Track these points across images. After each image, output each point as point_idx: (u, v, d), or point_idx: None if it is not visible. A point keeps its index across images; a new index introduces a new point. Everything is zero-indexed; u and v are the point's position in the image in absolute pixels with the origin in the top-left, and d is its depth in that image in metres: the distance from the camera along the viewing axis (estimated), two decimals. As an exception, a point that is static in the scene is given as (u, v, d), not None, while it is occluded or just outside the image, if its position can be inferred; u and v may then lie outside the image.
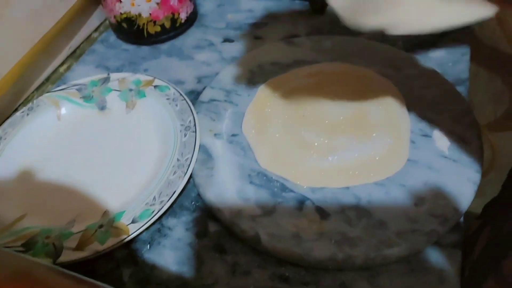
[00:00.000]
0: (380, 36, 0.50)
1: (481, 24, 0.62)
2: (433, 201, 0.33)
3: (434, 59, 0.47)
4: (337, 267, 0.31)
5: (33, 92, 0.51)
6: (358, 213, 0.33)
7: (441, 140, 0.37)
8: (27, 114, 0.44)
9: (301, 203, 0.35)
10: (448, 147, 0.37)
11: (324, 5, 0.55)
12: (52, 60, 0.53)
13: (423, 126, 0.39)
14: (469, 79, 0.45)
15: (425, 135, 0.38)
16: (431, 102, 0.41)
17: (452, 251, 0.32)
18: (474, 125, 0.38)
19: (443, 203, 0.33)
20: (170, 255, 0.34)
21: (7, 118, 0.46)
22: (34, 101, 0.46)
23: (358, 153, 0.37)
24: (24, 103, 0.50)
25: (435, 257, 0.32)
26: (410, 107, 0.40)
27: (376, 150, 0.37)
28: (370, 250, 0.31)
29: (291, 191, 0.35)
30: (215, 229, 0.35)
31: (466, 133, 0.38)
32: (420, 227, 0.32)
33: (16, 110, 0.49)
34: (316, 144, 0.38)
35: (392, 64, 0.45)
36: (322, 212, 0.34)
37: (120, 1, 0.50)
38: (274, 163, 0.38)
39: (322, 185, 0.35)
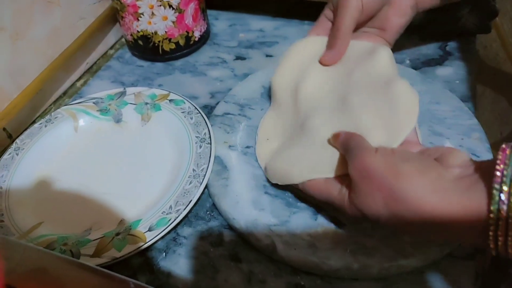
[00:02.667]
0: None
1: (485, 46, 0.64)
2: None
3: (441, 76, 0.48)
4: (353, 276, 0.32)
5: (50, 105, 0.52)
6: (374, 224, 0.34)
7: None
8: (45, 126, 0.46)
9: (316, 213, 0.35)
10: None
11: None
12: (70, 75, 0.54)
13: (433, 140, 0.40)
14: (475, 97, 0.46)
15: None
16: (441, 117, 0.42)
17: (466, 262, 0.32)
18: (483, 140, 0.39)
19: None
20: (186, 263, 0.34)
21: (26, 129, 0.47)
22: (52, 113, 0.47)
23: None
24: (42, 116, 0.51)
25: (450, 268, 0.32)
26: (420, 122, 0.41)
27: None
28: (385, 260, 0.31)
29: (306, 201, 0.36)
30: (230, 238, 0.36)
31: (476, 148, 0.38)
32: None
33: (34, 122, 0.50)
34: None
35: (401, 81, 0.46)
36: (337, 222, 0.34)
37: (138, 20, 0.52)
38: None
39: None
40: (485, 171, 0.25)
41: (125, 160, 0.43)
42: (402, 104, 0.34)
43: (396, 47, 0.53)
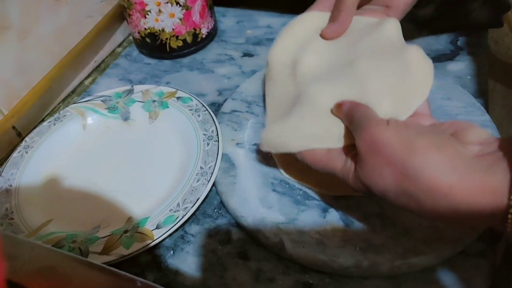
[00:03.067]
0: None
1: (497, 41, 0.63)
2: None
3: (452, 72, 0.48)
4: (362, 274, 0.31)
5: (59, 103, 0.52)
6: (383, 220, 0.33)
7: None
8: (54, 124, 0.46)
9: (324, 210, 0.35)
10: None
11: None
12: (78, 73, 0.54)
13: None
14: (487, 92, 0.45)
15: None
16: (452, 114, 0.41)
17: (479, 260, 0.32)
18: (496, 136, 0.38)
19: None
20: (194, 261, 0.34)
21: (35, 127, 0.47)
22: (61, 111, 0.47)
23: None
24: (50, 114, 0.51)
25: (461, 266, 0.32)
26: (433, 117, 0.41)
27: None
28: (395, 258, 0.31)
29: (314, 199, 0.36)
30: (238, 236, 0.36)
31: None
32: (446, 235, 0.31)
33: (43, 120, 0.50)
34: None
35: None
36: (346, 220, 0.34)
37: (145, 17, 0.52)
38: (298, 173, 0.38)
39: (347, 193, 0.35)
40: (509, 150, 0.23)
41: (132, 158, 0.43)
42: (414, 71, 0.31)
43: (407, 42, 0.52)
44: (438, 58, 0.49)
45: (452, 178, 0.23)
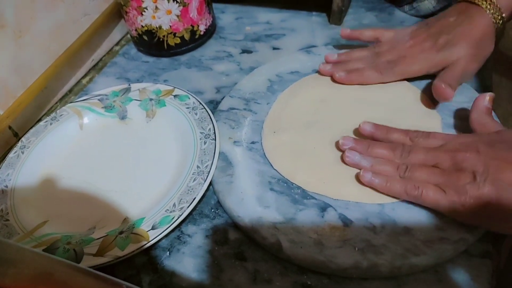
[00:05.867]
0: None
1: (503, 35, 0.62)
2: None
3: (456, 67, 0.46)
4: (362, 275, 0.30)
5: (56, 103, 0.52)
6: (383, 220, 0.32)
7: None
8: (50, 124, 0.45)
9: (323, 209, 0.34)
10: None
11: (342, 15, 0.56)
12: (75, 72, 0.54)
13: (451, 132, 0.38)
14: (492, 87, 0.44)
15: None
16: (458, 109, 0.40)
17: (482, 261, 0.31)
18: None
19: (471, 210, 0.32)
20: (190, 262, 0.34)
21: (31, 127, 0.47)
22: (57, 111, 0.47)
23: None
24: (47, 113, 0.51)
25: (463, 266, 0.31)
26: (436, 111, 0.40)
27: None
28: (396, 258, 0.30)
29: (313, 198, 0.35)
30: (235, 237, 0.35)
31: (492, 140, 0.37)
32: (448, 235, 0.31)
33: (39, 120, 0.50)
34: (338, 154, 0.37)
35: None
36: (345, 219, 0.33)
37: (142, 14, 0.51)
38: (295, 173, 0.37)
39: (349, 198, 0.34)
40: None
41: (129, 157, 0.43)
42: None
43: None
44: (441, 53, 0.48)
45: None
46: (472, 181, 0.30)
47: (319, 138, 0.39)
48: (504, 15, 0.39)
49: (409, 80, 0.43)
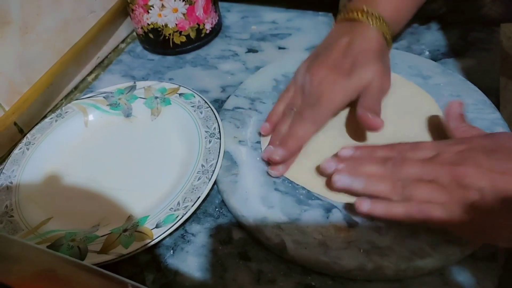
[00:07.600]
0: (406, 46, 0.50)
1: (509, 36, 0.61)
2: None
3: (462, 68, 0.46)
4: (366, 277, 0.30)
5: (61, 99, 0.52)
6: (388, 221, 0.32)
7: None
8: (56, 121, 0.45)
9: (328, 210, 0.34)
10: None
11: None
12: (81, 69, 0.54)
13: (454, 134, 0.38)
14: (498, 90, 0.44)
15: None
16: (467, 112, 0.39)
17: (488, 264, 0.31)
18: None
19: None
20: (194, 261, 0.34)
21: (36, 124, 0.47)
22: (63, 108, 0.47)
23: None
24: (52, 110, 0.51)
25: (470, 269, 0.30)
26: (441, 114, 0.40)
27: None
28: (401, 261, 0.30)
29: (318, 198, 0.35)
30: (240, 236, 0.35)
31: (500, 143, 0.36)
32: (454, 238, 0.30)
33: (45, 117, 0.50)
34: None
35: (420, 73, 0.44)
36: (350, 220, 0.33)
37: (148, 12, 0.51)
38: (299, 174, 0.37)
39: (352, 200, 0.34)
40: None
41: (134, 155, 0.42)
42: None
43: (415, 37, 0.51)
44: (448, 54, 0.48)
45: None
46: (480, 199, 0.28)
47: (324, 139, 0.39)
48: (389, 25, 0.39)
49: (416, 82, 0.43)
